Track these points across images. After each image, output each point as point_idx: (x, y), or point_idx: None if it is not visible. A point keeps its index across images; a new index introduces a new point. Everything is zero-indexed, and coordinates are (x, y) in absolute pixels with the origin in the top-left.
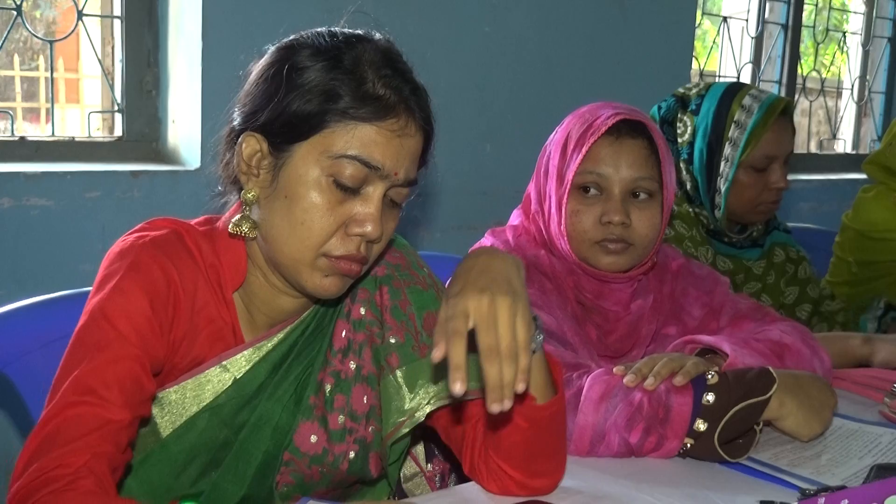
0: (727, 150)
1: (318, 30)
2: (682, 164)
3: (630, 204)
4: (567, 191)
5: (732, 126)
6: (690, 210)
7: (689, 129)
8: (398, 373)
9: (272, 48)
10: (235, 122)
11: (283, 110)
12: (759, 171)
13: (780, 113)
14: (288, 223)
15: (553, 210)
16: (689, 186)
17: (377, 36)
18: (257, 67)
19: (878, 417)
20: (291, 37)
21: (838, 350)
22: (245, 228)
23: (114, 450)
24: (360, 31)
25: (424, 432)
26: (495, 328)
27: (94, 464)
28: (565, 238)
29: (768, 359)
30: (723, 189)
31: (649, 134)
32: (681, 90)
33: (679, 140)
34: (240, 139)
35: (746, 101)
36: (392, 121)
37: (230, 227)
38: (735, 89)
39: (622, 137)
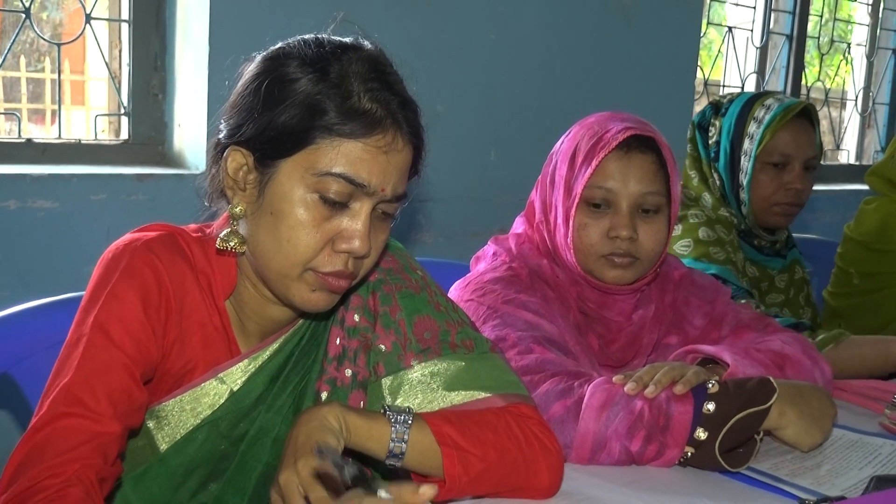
0: (746, 144)
1: (306, 37)
2: (712, 165)
3: (637, 218)
4: (575, 204)
5: (752, 122)
6: (725, 213)
7: (717, 129)
8: (383, 382)
9: (258, 57)
10: (221, 135)
11: (268, 125)
12: (776, 170)
13: (799, 115)
14: (274, 240)
15: (559, 221)
16: (718, 185)
17: (366, 44)
18: (243, 78)
19: (879, 429)
20: (278, 45)
21: (879, 353)
22: (233, 244)
23: (102, 462)
24: (348, 40)
25: None
26: (312, 490)
27: (84, 474)
28: (571, 250)
29: (769, 369)
30: (744, 183)
31: (658, 148)
32: (717, 98)
33: (710, 142)
34: (225, 153)
35: (768, 101)
36: (378, 136)
37: (218, 242)
38: (761, 94)
39: (631, 152)
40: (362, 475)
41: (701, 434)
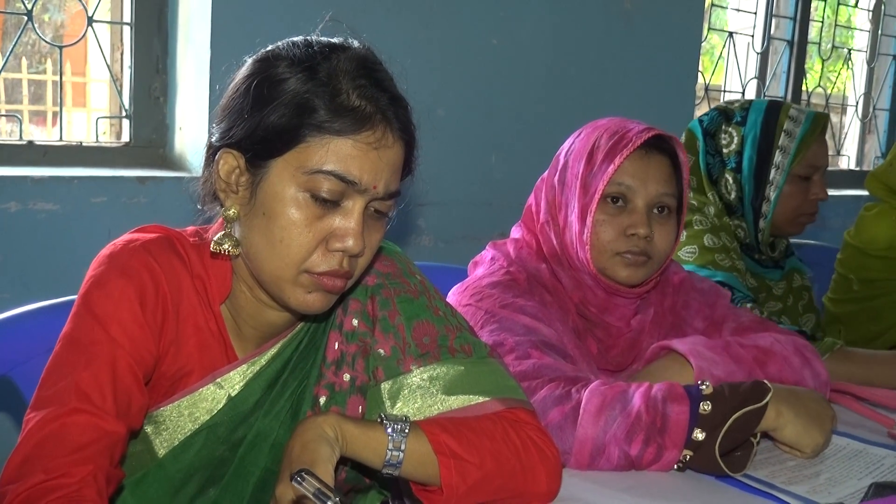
0: (777, 157)
1: (295, 39)
2: (727, 175)
3: (651, 218)
4: (595, 200)
5: (783, 135)
6: (730, 222)
7: (737, 139)
8: (383, 386)
9: (248, 60)
10: (213, 138)
11: (258, 125)
12: (803, 182)
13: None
14: (267, 241)
15: (572, 219)
16: (732, 197)
17: (355, 44)
18: (233, 81)
19: (886, 438)
20: (268, 48)
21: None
22: (227, 247)
23: (109, 463)
24: (337, 40)
25: None
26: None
27: (97, 476)
28: (587, 247)
29: (747, 364)
30: (772, 196)
31: (673, 151)
32: (722, 105)
33: (725, 150)
34: (217, 156)
35: (793, 112)
36: (368, 133)
37: (212, 245)
38: (779, 104)
39: (651, 152)
40: None
41: (699, 435)
